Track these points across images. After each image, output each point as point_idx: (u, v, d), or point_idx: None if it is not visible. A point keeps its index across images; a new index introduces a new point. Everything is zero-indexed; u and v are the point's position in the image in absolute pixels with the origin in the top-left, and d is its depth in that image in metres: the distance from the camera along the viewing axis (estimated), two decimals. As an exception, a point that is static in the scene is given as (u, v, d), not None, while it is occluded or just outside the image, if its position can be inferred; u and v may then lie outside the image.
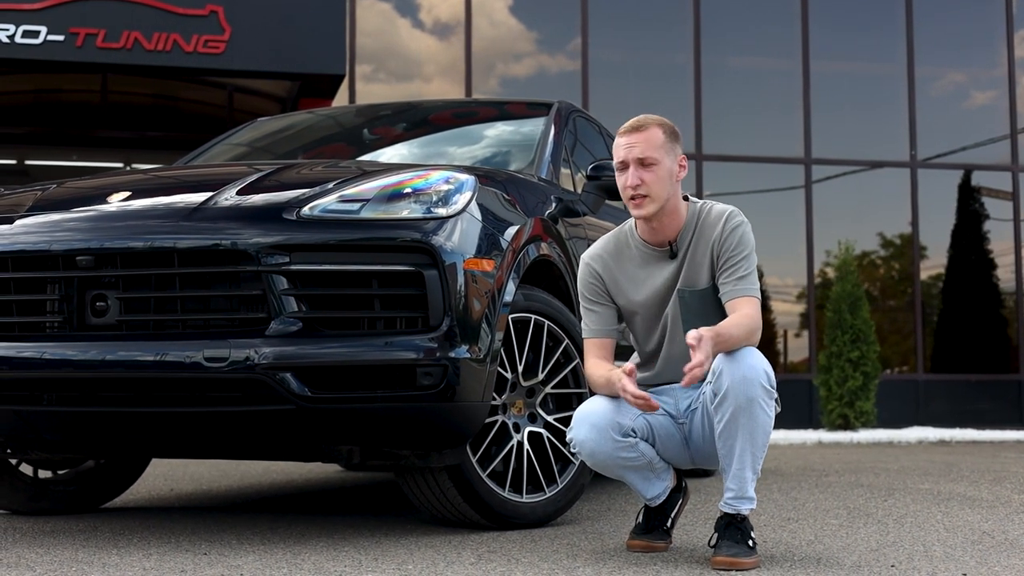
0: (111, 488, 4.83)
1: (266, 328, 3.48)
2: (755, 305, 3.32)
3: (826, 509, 4.80)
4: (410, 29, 15.19)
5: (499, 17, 15.48)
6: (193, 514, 4.56)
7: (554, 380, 4.15)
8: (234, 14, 10.92)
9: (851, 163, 15.51)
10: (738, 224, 3.40)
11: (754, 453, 3.17)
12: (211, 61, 10.93)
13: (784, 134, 15.21)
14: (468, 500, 3.88)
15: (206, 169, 4.67)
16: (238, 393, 3.50)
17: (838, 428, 12.65)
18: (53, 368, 3.61)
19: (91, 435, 3.83)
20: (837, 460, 8.78)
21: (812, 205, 14.91)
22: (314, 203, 3.63)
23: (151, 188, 4.12)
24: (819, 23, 15.25)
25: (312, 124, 5.98)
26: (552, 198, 4.65)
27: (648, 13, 15.32)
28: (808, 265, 14.91)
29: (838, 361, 12.67)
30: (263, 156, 5.64)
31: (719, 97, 14.93)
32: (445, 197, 3.75)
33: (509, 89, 15.14)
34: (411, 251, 3.57)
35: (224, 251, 3.51)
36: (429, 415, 3.60)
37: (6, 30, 10.54)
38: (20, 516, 4.49)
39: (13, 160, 15.40)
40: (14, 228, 3.78)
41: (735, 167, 15.00)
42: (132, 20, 10.71)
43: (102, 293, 3.62)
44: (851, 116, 15.87)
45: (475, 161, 5.11)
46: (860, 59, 16.11)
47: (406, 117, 5.78)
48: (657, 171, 3.37)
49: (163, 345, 3.52)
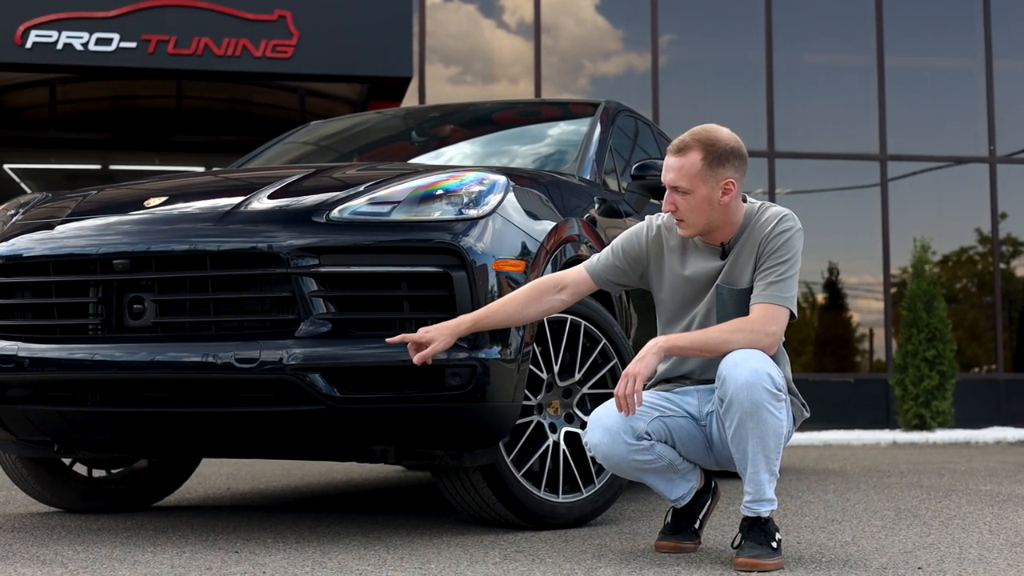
0: (163, 487, 4.92)
1: (296, 329, 3.52)
2: (772, 313, 3.26)
3: (874, 510, 4.74)
4: (494, 30, 15.23)
5: (585, 15, 15.44)
6: (240, 513, 4.63)
7: (591, 380, 4.15)
8: (302, 19, 11.05)
9: (928, 159, 15.26)
10: (787, 228, 3.35)
11: (767, 456, 3.14)
12: (279, 65, 11.08)
13: (858, 131, 15.00)
14: (502, 500, 3.89)
15: (243, 173, 4.74)
16: (269, 394, 3.56)
17: (914, 428, 12.44)
18: (93, 370, 3.70)
19: (133, 435, 3.91)
20: (906, 461, 8.64)
21: (888, 202, 14.69)
22: (344, 205, 3.68)
23: (187, 192, 4.20)
24: (893, 18, 15.02)
25: (362, 127, 6.03)
26: (594, 198, 4.65)
27: (720, 11, 15.21)
28: (884, 263, 14.69)
29: (914, 360, 12.46)
30: (313, 159, 5.70)
31: (792, 94, 14.77)
32: (476, 198, 3.77)
33: (599, 89, 15.08)
34: (439, 252, 3.60)
35: (254, 254, 3.57)
36: (458, 415, 3.62)
37: (80, 38, 10.77)
38: (73, 514, 4.59)
39: (98, 165, 15.75)
40: (55, 233, 3.88)
41: (808, 164, 14.83)
42: (202, 26, 10.89)
43: (139, 296, 3.70)
44: (927, 112, 15.61)
45: (519, 162, 5.12)
46: (936, 54, 15.85)
47: (454, 119, 5.81)
48: (690, 200, 3.32)
49: (196, 347, 3.59)
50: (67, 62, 10.93)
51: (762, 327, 3.25)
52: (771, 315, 3.26)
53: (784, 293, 3.29)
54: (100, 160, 15.64)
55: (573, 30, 15.25)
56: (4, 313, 3.93)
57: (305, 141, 5.93)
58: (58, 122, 13.17)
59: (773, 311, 3.27)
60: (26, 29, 10.74)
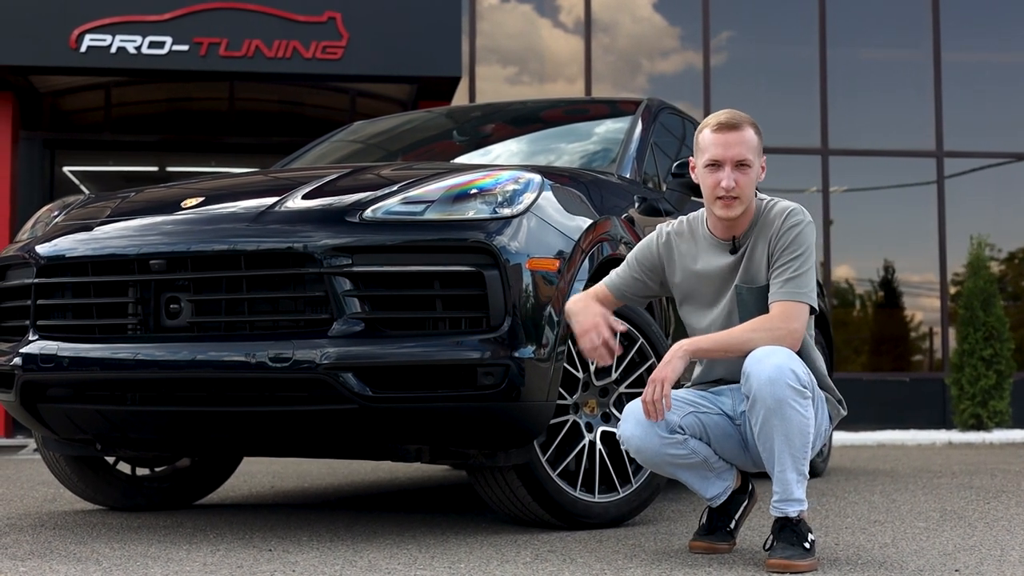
0: (205, 485, 4.96)
1: (329, 328, 3.53)
2: (791, 310, 3.25)
3: (919, 512, 4.67)
4: (550, 29, 15.20)
5: (642, 13, 15.36)
6: (279, 511, 4.65)
7: (628, 380, 4.12)
8: (352, 20, 11.09)
9: (985, 155, 15.03)
10: (796, 223, 3.34)
11: (793, 455, 3.10)
12: (330, 67, 11.11)
13: (915, 128, 14.80)
14: (537, 499, 3.87)
15: (281, 174, 4.75)
16: (303, 393, 3.57)
17: (971, 428, 12.26)
18: (131, 369, 3.73)
19: (171, 433, 3.95)
20: (960, 461, 8.52)
21: (944, 199, 14.48)
22: (377, 205, 3.68)
23: (223, 193, 4.22)
24: (950, 13, 14.82)
25: (406, 127, 6.04)
26: (634, 197, 4.62)
27: (773, 8, 15.09)
28: (940, 261, 14.48)
29: (970, 359, 12.29)
30: (357, 158, 5.72)
31: (846, 92, 14.61)
32: (511, 197, 3.76)
33: (656, 87, 14.98)
34: (472, 252, 3.59)
35: (288, 253, 3.58)
36: (491, 414, 3.62)
37: (133, 41, 10.88)
38: (115, 512, 4.64)
39: (154, 167, 15.91)
40: (94, 234, 3.92)
41: (863, 161, 14.66)
42: (253, 28, 10.95)
43: (175, 296, 3.73)
44: (986, 107, 15.37)
45: (561, 160, 5.11)
46: (993, 49, 15.61)
47: (496, 118, 5.81)
48: (750, 174, 3.35)
49: (232, 346, 3.61)
50: (121, 65, 11.05)
51: (784, 324, 3.23)
52: (791, 312, 3.25)
53: (801, 288, 3.28)
54: (156, 162, 15.79)
55: (630, 28, 15.18)
56: (45, 313, 3.98)
57: (350, 140, 5.96)
58: (113, 125, 13.32)
59: (792, 308, 3.25)
60: (80, 33, 10.86)
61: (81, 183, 16.43)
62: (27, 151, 12.35)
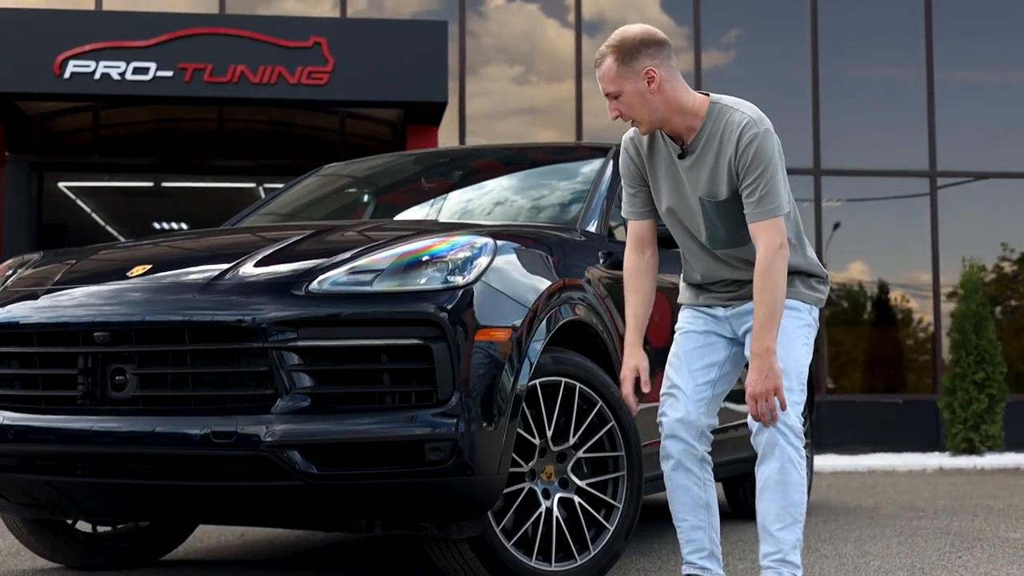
0: (167, 542, 4.89)
1: (274, 404, 3.48)
2: (773, 228, 3.35)
3: (888, 570, 4.60)
4: (558, 29, 15.13)
5: (651, 13, 15.28)
6: (242, 568, 4.59)
7: (587, 444, 4.05)
8: (337, 45, 11.06)
9: (979, 175, 14.95)
10: (752, 137, 3.37)
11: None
12: (315, 92, 11.09)
13: (907, 147, 14.73)
14: (492, 570, 3.81)
15: (238, 236, 4.66)
16: (248, 468, 3.51)
17: (963, 452, 12.19)
18: (76, 442, 3.68)
19: (120, 505, 3.89)
20: (947, 493, 8.46)
21: (938, 220, 14.40)
22: (324, 276, 3.62)
23: (174, 260, 4.17)
24: (943, 30, 14.74)
25: (371, 172, 5.99)
26: (598, 253, 4.55)
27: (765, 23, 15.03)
28: (934, 283, 14.40)
29: (962, 383, 12.22)
30: (325, 204, 5.68)
31: (838, 109, 14.53)
32: (463, 264, 3.70)
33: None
34: (419, 324, 3.53)
35: (232, 327, 3.53)
36: (441, 490, 3.56)
37: (117, 67, 10.85)
38: (75, 570, 4.58)
39: (149, 183, 15.89)
40: (40, 303, 3.87)
41: (855, 181, 14.59)
42: (238, 54, 10.93)
43: (121, 367, 3.67)
44: (978, 126, 15.29)
45: (524, 211, 5.04)
46: (986, 67, 15.53)
47: (462, 164, 5.76)
48: (624, 99, 3.42)
49: (175, 421, 3.56)
50: (105, 91, 11.03)
51: (772, 249, 3.33)
52: (770, 229, 3.35)
53: (772, 203, 3.36)
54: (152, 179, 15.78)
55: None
56: (-6, 381, 3.92)
57: (320, 186, 5.91)
58: (101, 146, 13.30)
59: (769, 225, 3.35)
60: (64, 59, 10.84)
61: (77, 198, 16.42)
62: (14, 173, 12.33)
